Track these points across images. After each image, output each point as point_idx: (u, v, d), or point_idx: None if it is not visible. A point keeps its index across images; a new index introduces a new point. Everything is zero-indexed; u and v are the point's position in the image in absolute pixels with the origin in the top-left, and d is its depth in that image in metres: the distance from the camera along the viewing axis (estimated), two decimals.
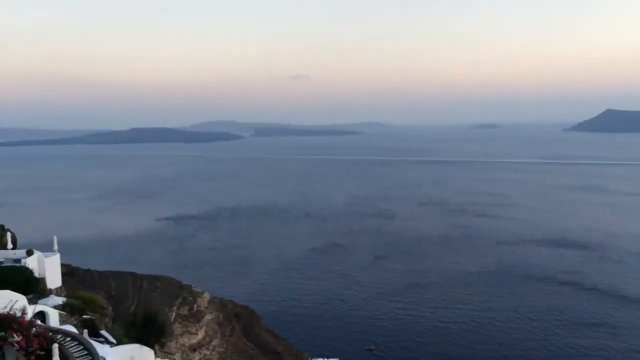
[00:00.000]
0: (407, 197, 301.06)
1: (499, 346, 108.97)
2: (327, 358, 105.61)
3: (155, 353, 44.44)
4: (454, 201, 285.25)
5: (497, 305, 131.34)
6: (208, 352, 75.62)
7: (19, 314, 33.39)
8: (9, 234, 62.81)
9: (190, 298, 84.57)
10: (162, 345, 51.09)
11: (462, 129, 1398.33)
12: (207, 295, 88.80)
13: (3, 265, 51.29)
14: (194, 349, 73.67)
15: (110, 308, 58.74)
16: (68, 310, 45.75)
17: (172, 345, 65.54)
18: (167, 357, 48.61)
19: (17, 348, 30.23)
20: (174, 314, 78.44)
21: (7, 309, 32.88)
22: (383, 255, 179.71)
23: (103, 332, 45.71)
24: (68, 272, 70.79)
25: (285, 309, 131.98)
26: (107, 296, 70.55)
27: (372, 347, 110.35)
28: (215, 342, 79.82)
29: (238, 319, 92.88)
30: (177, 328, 75.05)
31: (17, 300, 36.70)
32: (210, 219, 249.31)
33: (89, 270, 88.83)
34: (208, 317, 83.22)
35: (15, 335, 30.70)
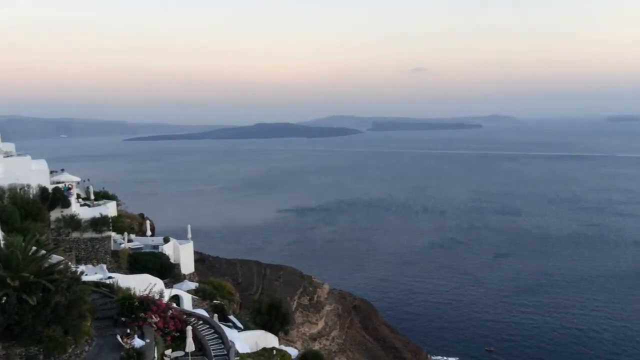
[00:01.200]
0: (534, 193, 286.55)
1: None
2: (446, 357, 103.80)
3: (279, 340, 46.25)
4: (587, 199, 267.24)
5: (634, 314, 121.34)
6: (327, 343, 77.15)
7: (157, 297, 36.25)
8: (148, 222, 68.23)
9: (311, 288, 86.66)
10: (285, 333, 52.92)
11: (596, 122, 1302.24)
12: (326, 287, 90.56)
13: (143, 250, 55.82)
14: (314, 338, 75.51)
15: (237, 294, 61.85)
16: (200, 295, 48.82)
17: (293, 333, 67.65)
18: (289, 345, 50.30)
19: (155, 328, 32.85)
20: (295, 303, 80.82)
21: (147, 292, 35.81)
22: (506, 253, 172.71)
23: (231, 317, 48.23)
24: (199, 259, 75.37)
25: (403, 304, 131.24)
26: (234, 283, 74.23)
27: (492, 349, 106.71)
28: (334, 333, 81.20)
29: (357, 312, 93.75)
30: (298, 317, 77.31)
31: (155, 284, 39.85)
32: (329, 212, 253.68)
33: (217, 257, 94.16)
34: (328, 308, 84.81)
35: (153, 317, 33.39)
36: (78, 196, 64.38)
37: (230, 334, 38.05)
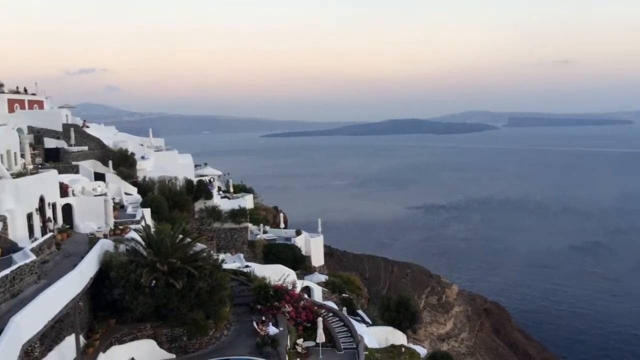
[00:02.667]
0: None
1: None
2: None
3: (407, 338, 45.97)
4: None
5: None
6: (456, 344, 75.25)
7: (290, 287, 37.63)
8: (281, 215, 70.84)
9: (439, 288, 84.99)
10: (413, 331, 52.50)
11: None
12: (455, 287, 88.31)
13: (277, 242, 58.13)
14: (442, 339, 74.02)
15: (365, 289, 62.33)
16: (330, 288, 49.86)
17: (421, 332, 66.85)
18: (417, 344, 49.75)
19: (288, 317, 34.11)
20: (422, 302, 79.76)
21: (281, 282, 37.26)
22: None
23: (359, 311, 48.70)
24: (328, 252, 76.79)
25: (538, 309, 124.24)
26: (361, 278, 74.77)
27: None
28: (463, 335, 79.01)
29: (487, 315, 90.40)
30: (426, 316, 76.20)
31: (288, 275, 41.39)
32: (460, 210, 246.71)
33: (345, 252, 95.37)
34: (457, 309, 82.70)
35: (287, 306, 34.71)
36: (219, 189, 68.41)
37: (359, 328, 38.43)
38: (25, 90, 70.69)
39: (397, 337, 43.88)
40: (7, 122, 50.68)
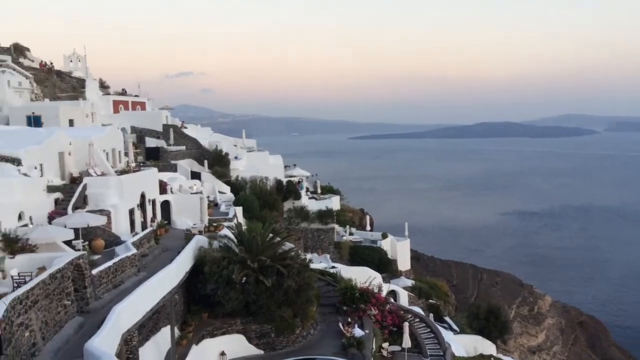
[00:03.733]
0: None
1: None
2: None
3: (496, 348, 44.54)
4: None
5: None
6: (548, 358, 71.98)
7: (376, 290, 37.50)
8: (368, 217, 70.77)
9: (531, 299, 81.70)
10: (503, 342, 50.79)
11: None
12: (548, 299, 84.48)
13: (363, 244, 58.11)
14: (532, 351, 71.05)
15: (452, 296, 60.98)
16: (416, 293, 49.21)
17: (511, 343, 64.51)
18: (507, 355, 48.05)
19: (374, 321, 33.98)
20: (512, 312, 76.96)
21: (367, 284, 37.20)
22: None
23: (447, 318, 47.70)
24: (414, 256, 75.80)
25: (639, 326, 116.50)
26: (449, 284, 73.18)
27: None
28: (556, 348, 75.43)
29: (582, 329, 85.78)
30: (516, 327, 73.45)
31: (374, 277, 41.25)
32: (554, 217, 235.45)
33: (432, 257, 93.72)
34: (549, 321, 79.11)
35: (373, 309, 34.59)
36: (307, 189, 69.33)
37: (446, 335, 37.66)
38: (125, 91, 74.95)
39: (485, 347, 42.61)
40: (112, 122, 54.00)
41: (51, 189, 31.79)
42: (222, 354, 28.45)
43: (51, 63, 70.61)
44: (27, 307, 17.99)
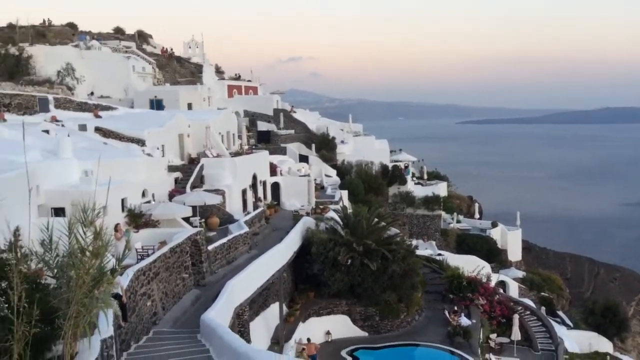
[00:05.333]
0: None
1: None
2: None
3: (613, 346, 41.91)
4: None
5: None
6: None
7: (484, 280, 36.46)
8: (476, 205, 68.75)
9: None
10: (621, 340, 47.67)
11: None
12: None
13: (471, 232, 56.60)
14: None
15: (566, 290, 57.98)
16: (527, 285, 47.26)
17: (629, 342, 60.39)
18: (624, 354, 45.05)
19: (482, 310, 33.11)
20: (632, 309, 71.90)
21: (475, 273, 36.26)
22: None
23: (560, 312, 45.51)
24: (525, 247, 72.68)
25: None
26: (562, 278, 69.60)
27: None
28: None
29: None
30: (635, 325, 68.60)
31: (483, 267, 40.06)
32: None
33: (544, 248, 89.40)
34: None
35: (480, 298, 33.70)
36: (413, 175, 68.51)
37: (559, 329, 35.93)
38: (240, 76, 77.62)
39: (601, 344, 40.16)
40: (227, 106, 56.23)
41: (171, 168, 33.79)
42: (328, 333, 29.01)
43: (172, 49, 74.68)
44: (149, 278, 19.32)
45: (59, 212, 21.14)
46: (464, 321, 29.61)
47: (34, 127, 28.83)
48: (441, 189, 65.40)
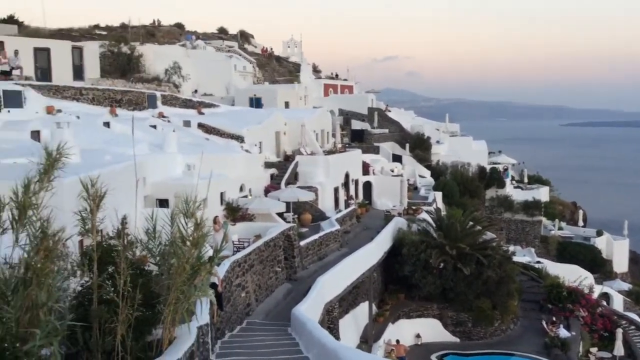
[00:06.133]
0: None
1: None
2: None
3: None
4: None
5: None
6: None
7: (586, 291, 34.51)
8: (580, 212, 65.15)
9: None
10: None
11: None
12: None
13: (573, 240, 53.73)
14: None
15: None
16: (633, 298, 44.21)
17: None
18: None
19: (582, 323, 31.37)
20: None
21: (576, 283, 34.41)
22: None
23: None
24: (633, 258, 67.95)
25: None
26: None
27: None
28: None
29: None
30: None
31: (585, 277, 37.97)
32: None
33: None
34: None
35: (581, 310, 31.94)
36: (512, 178, 66.07)
37: None
38: (337, 75, 78.26)
39: None
40: (322, 104, 56.92)
41: (268, 165, 34.69)
42: (418, 336, 28.63)
43: (271, 49, 76.63)
44: (244, 270, 19.94)
45: (163, 203, 22.28)
46: (563, 333, 28.19)
47: (143, 122, 30.54)
48: (542, 194, 62.55)
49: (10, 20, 51.07)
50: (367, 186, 42.50)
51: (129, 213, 11.99)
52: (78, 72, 35.67)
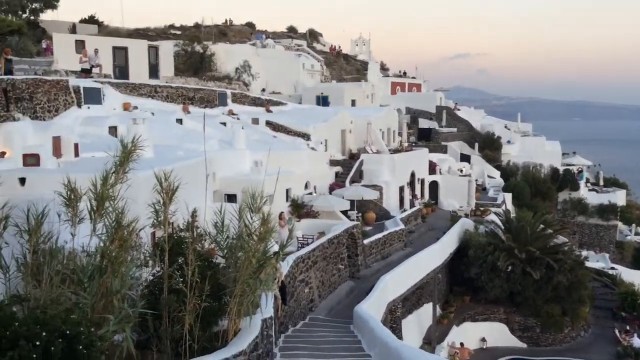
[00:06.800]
0: None
1: None
2: None
3: None
4: None
5: None
6: None
7: None
8: None
9: None
10: None
11: None
12: None
13: None
14: None
15: None
16: None
17: None
18: None
19: None
20: None
21: None
22: None
23: None
24: None
25: None
26: None
27: None
28: None
29: None
30: None
31: None
32: None
33: None
34: None
35: None
36: (587, 180, 63.37)
37: None
38: (405, 73, 77.53)
39: None
40: (389, 102, 56.58)
41: (333, 162, 34.86)
42: (483, 339, 28.04)
43: (339, 47, 76.78)
44: (308, 266, 20.16)
45: (231, 198, 22.85)
46: (637, 342, 26.89)
47: (213, 119, 31.38)
48: (619, 197, 59.61)
49: (91, 20, 53.77)
50: (434, 186, 41.94)
51: (199, 207, 12.40)
52: (153, 70, 37.09)
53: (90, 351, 6.73)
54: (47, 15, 48.82)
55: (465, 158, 52.23)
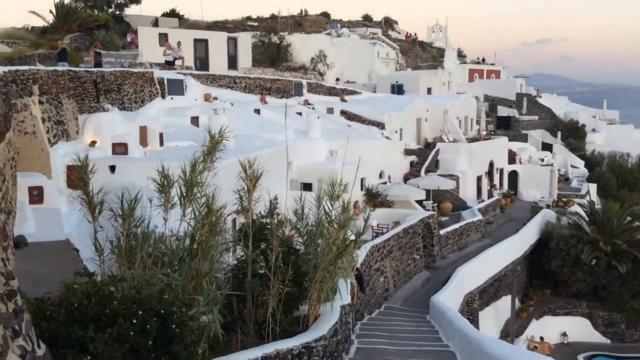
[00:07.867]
0: None
1: None
2: None
3: None
4: None
5: None
6: None
7: None
8: None
9: None
10: None
11: None
12: None
13: None
14: None
15: None
16: None
17: None
18: None
19: None
20: None
21: None
22: None
23: None
24: None
25: None
26: None
27: None
28: None
29: None
30: None
31: None
32: None
33: None
34: None
35: None
36: None
37: None
38: (484, 60, 75.43)
39: None
40: (466, 90, 55.22)
41: (407, 152, 34.56)
42: (564, 334, 27.16)
43: (415, 34, 75.72)
44: (383, 255, 20.22)
45: (307, 186, 23.19)
46: None
47: (289, 109, 31.77)
48: None
49: (172, 14, 55.65)
50: (513, 176, 40.73)
51: (280, 194, 12.72)
52: (232, 61, 38.03)
53: (183, 330, 7.09)
54: (131, 10, 51.05)
55: (547, 147, 50.35)
